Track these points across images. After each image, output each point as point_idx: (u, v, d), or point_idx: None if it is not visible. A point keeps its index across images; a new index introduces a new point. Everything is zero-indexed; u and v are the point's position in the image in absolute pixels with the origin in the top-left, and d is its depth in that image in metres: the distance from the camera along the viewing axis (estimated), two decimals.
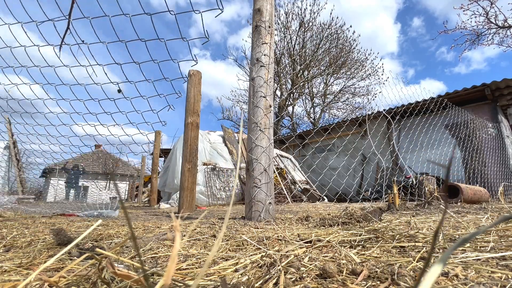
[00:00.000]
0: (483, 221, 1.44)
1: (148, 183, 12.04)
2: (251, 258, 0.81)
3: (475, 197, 3.48)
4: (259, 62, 2.14)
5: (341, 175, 8.32)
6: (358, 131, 9.02)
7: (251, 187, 1.95)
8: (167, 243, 1.10)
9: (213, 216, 2.51)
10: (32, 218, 2.30)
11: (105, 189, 16.28)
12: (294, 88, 17.50)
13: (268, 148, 2.02)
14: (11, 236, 1.30)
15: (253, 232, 1.32)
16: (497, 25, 10.26)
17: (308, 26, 16.02)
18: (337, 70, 17.49)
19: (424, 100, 5.62)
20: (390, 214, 2.03)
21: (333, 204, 4.76)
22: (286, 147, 10.23)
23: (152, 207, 5.86)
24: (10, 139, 7.42)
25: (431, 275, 0.20)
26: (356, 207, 2.37)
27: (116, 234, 1.35)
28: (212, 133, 7.40)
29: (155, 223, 1.91)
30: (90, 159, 20.59)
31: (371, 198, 6.37)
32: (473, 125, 6.81)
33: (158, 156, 7.15)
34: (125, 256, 0.90)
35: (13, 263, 0.81)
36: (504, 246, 0.80)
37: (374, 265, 0.68)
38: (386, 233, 1.10)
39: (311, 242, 1.00)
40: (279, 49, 16.42)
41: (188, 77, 3.33)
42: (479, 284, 0.53)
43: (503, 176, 6.34)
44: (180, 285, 0.59)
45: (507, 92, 6.75)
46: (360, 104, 18.58)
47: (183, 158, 3.10)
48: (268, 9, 2.28)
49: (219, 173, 6.17)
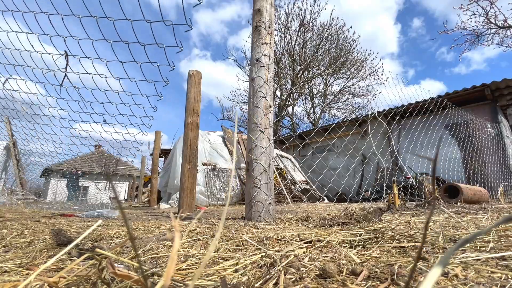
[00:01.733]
0: (483, 222, 1.44)
1: (148, 184, 12.04)
2: (251, 258, 0.81)
3: (475, 197, 3.48)
4: (259, 62, 2.14)
5: (341, 175, 8.32)
6: (358, 131, 9.03)
7: (251, 187, 1.95)
8: (167, 243, 1.10)
9: (213, 216, 2.51)
10: (32, 219, 2.30)
11: (105, 189, 16.27)
12: (294, 88, 17.50)
13: (268, 148, 2.02)
14: (11, 237, 1.30)
15: (253, 232, 1.32)
16: (497, 25, 10.27)
17: (308, 27, 16.03)
18: (337, 71, 17.50)
19: (424, 100, 5.63)
20: (390, 214, 2.03)
21: (333, 204, 4.76)
22: (286, 147, 10.23)
23: (152, 207, 5.85)
24: (10, 139, 7.42)
25: (431, 277, 0.20)
26: (356, 207, 2.38)
27: (116, 234, 1.35)
28: (212, 134, 7.40)
29: (155, 223, 1.91)
30: (89, 159, 20.58)
31: (371, 198, 6.37)
32: (473, 125, 6.81)
33: (158, 156, 7.15)
34: (125, 256, 0.90)
35: (13, 263, 0.81)
36: (504, 246, 0.80)
37: (374, 265, 0.68)
38: (386, 233, 1.10)
39: (311, 242, 1.00)
40: (279, 50, 16.43)
41: (188, 78, 3.33)
42: (479, 284, 0.53)
43: (503, 176, 6.34)
44: (180, 285, 0.59)
45: (507, 92, 6.76)
46: (360, 104, 18.62)
47: (183, 158, 3.10)
48: (268, 10, 2.28)
49: (219, 173, 6.17)
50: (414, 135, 7.20)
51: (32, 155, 3.13)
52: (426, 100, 5.71)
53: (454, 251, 0.21)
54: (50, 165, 8.07)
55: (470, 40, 10.95)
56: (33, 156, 3.13)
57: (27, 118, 2.74)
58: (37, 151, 2.90)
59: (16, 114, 2.78)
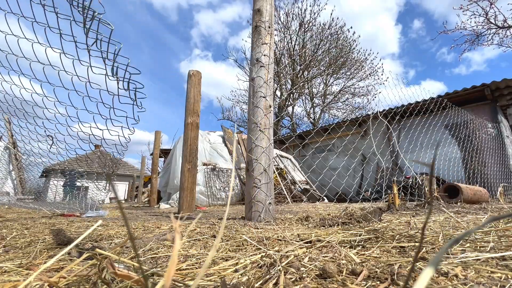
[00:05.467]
0: (482, 222, 1.44)
1: (148, 184, 12.03)
2: (251, 258, 0.81)
3: (475, 197, 3.48)
4: (259, 62, 2.14)
5: (341, 175, 8.32)
6: (358, 131, 9.03)
7: (251, 187, 1.95)
8: (167, 243, 1.10)
9: (213, 216, 2.51)
10: (32, 219, 2.30)
11: (104, 189, 16.25)
12: (294, 88, 17.51)
13: (268, 148, 2.02)
14: (11, 237, 1.30)
15: (253, 232, 1.32)
16: (497, 25, 10.27)
17: (308, 27, 16.04)
18: (337, 71, 17.51)
19: (424, 100, 5.63)
20: (390, 214, 2.03)
21: (333, 204, 4.76)
22: (286, 147, 10.23)
23: (152, 207, 5.85)
24: (10, 140, 7.43)
25: (424, 278, 0.20)
26: (356, 207, 2.38)
27: (116, 234, 1.35)
28: (212, 134, 7.40)
29: (154, 223, 1.91)
30: (88, 159, 20.54)
31: (371, 198, 6.37)
32: (473, 125, 6.81)
33: (158, 156, 7.14)
34: (125, 257, 0.90)
35: (13, 263, 0.81)
36: (504, 246, 0.80)
37: (374, 265, 0.68)
38: (386, 233, 1.10)
39: (311, 242, 1.01)
40: (279, 50, 16.43)
41: (188, 78, 3.33)
42: (479, 284, 0.53)
43: (503, 176, 6.34)
44: (180, 285, 0.59)
45: (507, 92, 6.76)
46: (360, 104, 18.63)
47: (183, 158, 3.10)
48: (268, 10, 2.28)
49: (219, 173, 6.18)
50: (414, 135, 7.20)
51: (32, 155, 3.12)
52: (426, 100, 5.71)
53: (445, 251, 0.21)
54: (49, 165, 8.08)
55: (470, 40, 10.95)
56: (33, 156, 3.12)
57: (27, 117, 2.72)
58: (38, 152, 2.88)
59: (15, 113, 2.75)
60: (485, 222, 0.24)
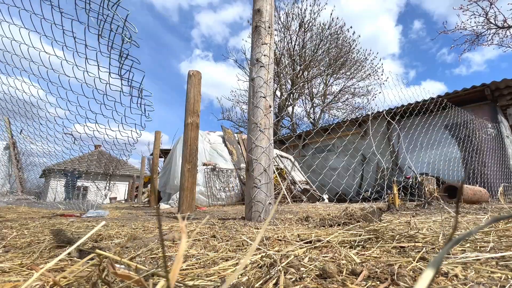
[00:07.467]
0: (483, 222, 1.44)
1: (148, 184, 12.03)
2: (251, 258, 0.81)
3: (475, 197, 3.48)
4: (259, 62, 2.14)
5: (341, 176, 8.32)
6: (358, 131, 9.03)
7: (251, 187, 1.95)
8: (168, 243, 1.10)
9: (213, 216, 2.51)
10: (32, 219, 2.30)
11: (104, 189, 16.28)
12: (294, 88, 17.50)
13: (268, 148, 2.03)
14: (11, 237, 1.30)
15: (253, 232, 1.32)
16: (497, 25, 10.27)
17: (308, 27, 16.03)
18: (337, 71, 17.50)
19: (424, 100, 5.63)
20: (390, 215, 2.03)
21: (333, 205, 4.76)
22: (286, 147, 10.22)
23: (152, 207, 5.85)
24: (10, 140, 7.43)
25: (425, 279, 0.20)
26: (356, 208, 2.37)
27: (116, 234, 1.36)
28: (212, 134, 7.40)
29: (155, 223, 1.91)
30: (88, 159, 20.56)
31: (371, 199, 6.37)
32: (473, 125, 6.82)
33: (158, 156, 7.14)
34: (125, 257, 0.90)
35: (13, 263, 0.81)
36: (504, 246, 0.80)
37: (374, 265, 0.68)
38: (386, 233, 1.10)
39: (311, 243, 1.01)
40: (279, 50, 16.43)
41: (188, 78, 3.33)
42: (479, 284, 0.53)
43: (503, 176, 6.34)
44: (180, 285, 0.59)
45: (506, 92, 6.76)
46: (360, 104, 18.63)
47: (183, 158, 3.10)
48: (268, 10, 2.28)
49: (219, 173, 6.17)
50: (414, 135, 7.20)
51: (32, 155, 3.12)
52: (426, 100, 5.71)
53: (446, 251, 0.21)
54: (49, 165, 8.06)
55: (470, 41, 10.95)
56: (33, 156, 3.12)
57: (28, 116, 2.73)
58: (37, 152, 2.89)
59: (14, 115, 2.77)
60: (487, 223, 0.24)
